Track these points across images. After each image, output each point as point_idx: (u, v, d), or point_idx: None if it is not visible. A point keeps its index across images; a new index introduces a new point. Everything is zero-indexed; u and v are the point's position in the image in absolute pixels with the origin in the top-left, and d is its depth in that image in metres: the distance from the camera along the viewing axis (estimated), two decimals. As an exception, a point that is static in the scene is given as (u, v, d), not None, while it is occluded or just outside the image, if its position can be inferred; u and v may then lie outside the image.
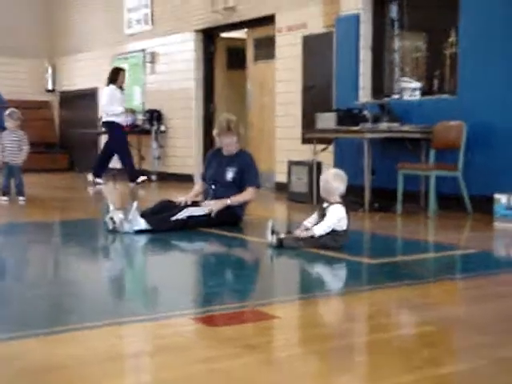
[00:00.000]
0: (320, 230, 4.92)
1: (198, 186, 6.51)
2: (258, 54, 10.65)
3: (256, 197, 6.26)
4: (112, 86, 10.92)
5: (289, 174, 8.52)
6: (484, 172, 7.02)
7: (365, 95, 8.55)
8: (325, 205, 5.00)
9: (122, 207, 6.19)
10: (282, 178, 9.51)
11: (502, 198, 6.25)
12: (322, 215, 4.97)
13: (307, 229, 5.03)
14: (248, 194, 6.12)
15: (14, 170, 8.32)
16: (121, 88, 11.03)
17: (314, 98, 9.21)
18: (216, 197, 6.12)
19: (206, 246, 5.57)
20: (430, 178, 6.96)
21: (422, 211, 7.20)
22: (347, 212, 4.99)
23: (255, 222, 6.49)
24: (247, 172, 6.14)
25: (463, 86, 7.30)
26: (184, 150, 11.80)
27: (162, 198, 6.38)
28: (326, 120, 7.62)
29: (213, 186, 6.19)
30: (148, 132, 12.25)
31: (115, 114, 10.83)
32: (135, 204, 5.69)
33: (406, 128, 7.40)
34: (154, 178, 11.89)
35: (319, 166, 8.27)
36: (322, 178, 5.12)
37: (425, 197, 7.37)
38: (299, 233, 4.99)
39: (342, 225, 4.95)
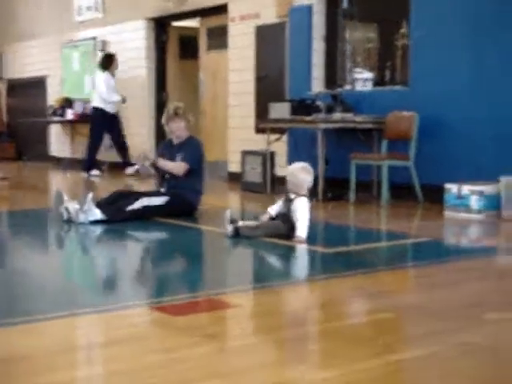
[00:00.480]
0: (304, 230, 4.88)
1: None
2: (211, 43, 10.60)
3: (182, 172, 6.02)
4: (106, 73, 10.82)
5: (242, 163, 8.52)
6: (435, 162, 7.12)
7: (318, 85, 8.59)
8: (292, 196, 5.02)
9: (75, 198, 6.10)
10: (235, 167, 9.51)
11: (452, 188, 6.34)
12: (288, 206, 4.97)
13: (272, 217, 5.06)
14: (176, 165, 6.05)
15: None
16: (113, 75, 10.95)
17: (268, 88, 9.21)
18: (169, 186, 6.09)
19: (161, 236, 5.54)
20: (382, 168, 7.04)
21: (375, 200, 7.29)
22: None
23: (210, 212, 6.49)
24: (187, 152, 6.11)
25: (415, 78, 7.39)
26: (137, 139, 11.69)
27: (117, 187, 6.32)
28: (280, 110, 7.63)
29: (166, 176, 6.15)
30: (99, 120, 12.09)
31: (109, 102, 10.74)
32: (90, 194, 5.63)
33: (358, 118, 7.46)
34: (104, 167, 11.76)
35: (273, 155, 8.30)
36: (289, 172, 5.11)
37: (377, 186, 7.45)
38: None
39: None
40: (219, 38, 10.29)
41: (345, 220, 6.41)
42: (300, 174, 5.05)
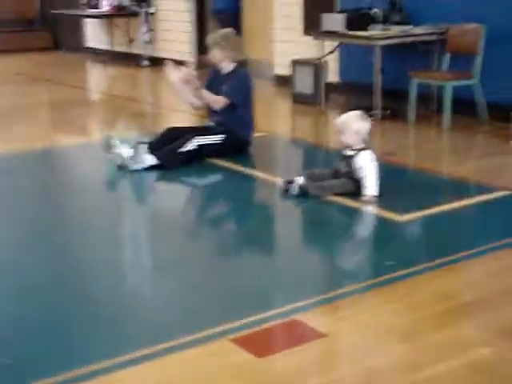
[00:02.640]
0: (373, 188, 4.54)
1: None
2: None
3: (221, 107, 5.65)
4: None
5: (293, 73, 8.08)
6: (504, 80, 6.68)
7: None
8: (349, 152, 4.70)
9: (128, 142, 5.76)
10: (281, 70, 9.10)
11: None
12: (350, 164, 4.64)
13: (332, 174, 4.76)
14: (217, 99, 5.69)
15: None
16: None
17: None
18: (218, 120, 5.80)
19: (220, 196, 5.16)
20: (445, 87, 6.60)
21: (435, 119, 6.89)
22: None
23: (266, 147, 6.23)
24: (230, 85, 5.73)
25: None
26: (176, 35, 11.21)
27: (168, 125, 6.01)
28: (334, 22, 7.11)
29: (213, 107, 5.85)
30: (136, 14, 11.58)
31: None
32: (142, 144, 5.40)
33: (418, 30, 6.96)
34: (145, 62, 11.37)
35: (325, 66, 7.86)
36: (341, 122, 4.73)
37: (437, 102, 7.03)
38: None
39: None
40: None
41: (406, 158, 5.87)
42: (356, 123, 4.65)
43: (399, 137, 6.51)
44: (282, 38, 9.22)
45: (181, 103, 6.39)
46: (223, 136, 5.70)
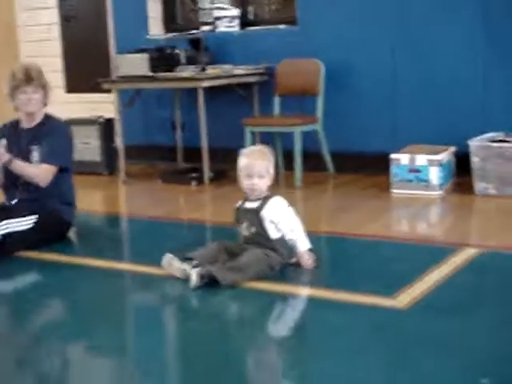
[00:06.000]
0: (304, 238, 3.25)
1: None
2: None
3: (49, 180, 3.83)
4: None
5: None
6: (344, 124, 5.62)
7: (155, 27, 6.58)
8: (250, 204, 3.26)
9: None
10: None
11: (401, 158, 4.87)
12: (258, 220, 3.21)
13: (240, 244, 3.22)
14: (41, 170, 3.84)
15: None
16: None
17: (78, 33, 6.97)
18: (25, 192, 3.89)
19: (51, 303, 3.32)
20: (293, 135, 5.28)
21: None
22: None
23: (91, 227, 4.42)
24: (49, 142, 3.90)
25: (305, 14, 5.73)
26: None
27: None
28: (134, 64, 5.50)
29: (20, 180, 3.89)
30: None
31: None
32: None
33: (241, 71, 5.66)
34: None
35: (111, 124, 6.21)
36: (243, 161, 3.26)
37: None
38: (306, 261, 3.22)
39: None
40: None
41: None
42: (262, 159, 3.27)
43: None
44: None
45: None
46: (35, 217, 3.80)
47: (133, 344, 2.68)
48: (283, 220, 3.22)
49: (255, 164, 3.24)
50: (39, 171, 3.83)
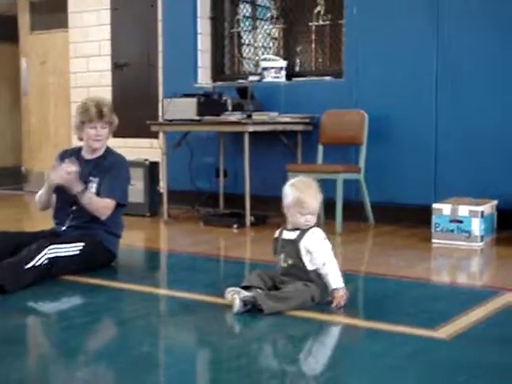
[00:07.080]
0: (338, 275, 3.19)
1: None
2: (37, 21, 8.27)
3: (108, 213, 3.93)
4: None
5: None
6: (385, 174, 5.68)
7: (204, 76, 6.76)
8: (289, 235, 3.26)
9: None
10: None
11: (443, 209, 4.89)
12: (295, 250, 3.21)
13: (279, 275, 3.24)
14: (106, 204, 3.93)
15: None
16: None
17: (128, 80, 7.19)
18: (75, 219, 3.98)
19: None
20: (336, 183, 5.35)
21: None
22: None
23: (134, 259, 4.50)
24: (111, 177, 4.01)
25: (351, 66, 5.86)
26: None
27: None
28: (183, 107, 5.66)
29: (73, 207, 4.00)
30: None
31: None
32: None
33: (286, 119, 5.77)
34: None
35: (156, 167, 6.34)
36: (295, 194, 3.27)
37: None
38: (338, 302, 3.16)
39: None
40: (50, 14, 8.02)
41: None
42: (311, 197, 3.22)
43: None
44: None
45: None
46: (82, 244, 3.87)
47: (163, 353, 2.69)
48: (318, 251, 3.18)
49: (311, 202, 3.20)
50: (105, 204, 3.92)
